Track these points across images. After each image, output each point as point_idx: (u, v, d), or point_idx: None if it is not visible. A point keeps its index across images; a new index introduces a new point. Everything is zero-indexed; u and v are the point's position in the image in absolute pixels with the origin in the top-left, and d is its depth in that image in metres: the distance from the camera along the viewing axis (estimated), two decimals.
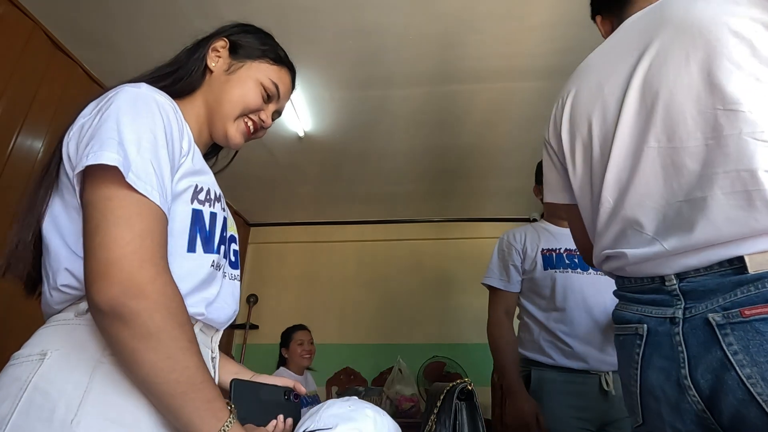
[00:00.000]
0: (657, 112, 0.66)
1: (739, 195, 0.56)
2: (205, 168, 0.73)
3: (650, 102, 0.67)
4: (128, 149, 0.55)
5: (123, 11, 1.82)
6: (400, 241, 3.95)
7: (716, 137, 0.59)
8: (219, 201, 0.73)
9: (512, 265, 1.62)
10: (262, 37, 0.84)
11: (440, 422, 0.89)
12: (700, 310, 0.59)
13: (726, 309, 0.56)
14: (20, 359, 0.55)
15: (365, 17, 1.87)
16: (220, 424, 0.54)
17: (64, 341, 0.55)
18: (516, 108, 2.45)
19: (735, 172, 0.57)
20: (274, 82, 0.82)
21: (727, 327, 0.55)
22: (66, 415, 0.49)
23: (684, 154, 0.63)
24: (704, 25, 0.62)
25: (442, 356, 3.29)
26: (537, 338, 1.50)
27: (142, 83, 0.66)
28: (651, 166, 0.67)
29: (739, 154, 0.57)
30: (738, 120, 0.57)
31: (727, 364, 0.55)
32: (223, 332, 0.74)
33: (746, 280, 0.55)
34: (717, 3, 0.63)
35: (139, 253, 0.51)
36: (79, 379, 0.52)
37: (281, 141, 2.77)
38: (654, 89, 0.67)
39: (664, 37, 0.67)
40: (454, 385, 0.92)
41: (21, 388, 0.51)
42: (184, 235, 0.64)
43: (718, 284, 0.58)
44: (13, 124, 1.72)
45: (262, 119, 0.83)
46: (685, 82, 0.63)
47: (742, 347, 0.54)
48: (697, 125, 0.61)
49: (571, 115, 0.85)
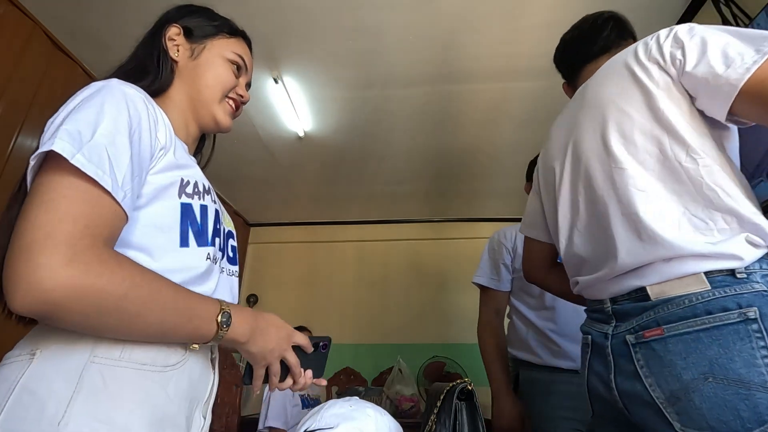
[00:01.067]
0: (581, 171, 0.84)
1: (632, 232, 0.72)
2: (190, 162, 0.72)
3: (577, 164, 0.86)
4: (82, 135, 0.52)
5: (123, 11, 1.82)
6: (399, 241, 3.95)
7: (613, 188, 0.77)
8: (208, 193, 0.71)
9: (502, 264, 1.60)
10: (209, 13, 0.83)
11: (440, 422, 0.90)
12: (621, 330, 0.74)
13: (636, 331, 0.71)
14: (11, 359, 0.54)
15: (365, 17, 1.87)
16: (217, 308, 0.59)
17: (53, 340, 0.54)
18: (515, 108, 2.45)
19: (627, 215, 0.73)
20: (238, 53, 0.81)
21: (637, 346, 0.71)
22: (55, 416, 0.48)
23: (599, 202, 0.79)
24: (601, 104, 0.82)
25: (442, 356, 3.29)
26: (526, 337, 1.49)
27: (113, 78, 0.64)
28: (583, 213, 0.85)
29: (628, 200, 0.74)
30: (624, 175, 0.75)
31: (638, 374, 0.70)
32: None
33: (648, 306, 0.70)
34: (611, 84, 0.81)
35: (53, 236, 0.47)
36: (68, 379, 0.51)
37: (281, 141, 2.77)
38: (577, 155, 0.86)
39: (582, 113, 0.87)
40: (454, 385, 0.92)
41: (9, 388, 0.50)
42: (175, 230, 0.62)
43: (632, 308, 0.73)
44: (13, 124, 1.72)
45: (240, 94, 0.82)
46: (593, 147, 0.82)
47: (645, 362, 0.69)
48: (603, 180, 0.79)
49: (542, 171, 1.04)
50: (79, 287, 0.47)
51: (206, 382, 0.67)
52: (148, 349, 0.57)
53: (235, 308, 0.62)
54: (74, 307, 0.47)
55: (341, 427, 0.75)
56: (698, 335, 0.64)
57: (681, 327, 0.65)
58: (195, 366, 0.64)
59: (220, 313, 0.59)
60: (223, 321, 0.59)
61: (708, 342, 0.63)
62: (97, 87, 0.61)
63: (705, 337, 0.63)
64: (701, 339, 0.63)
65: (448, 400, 0.91)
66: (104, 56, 2.01)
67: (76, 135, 0.52)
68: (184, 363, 0.61)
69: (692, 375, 0.63)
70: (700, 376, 0.62)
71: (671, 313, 0.67)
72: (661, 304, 0.68)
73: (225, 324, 0.59)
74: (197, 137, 0.82)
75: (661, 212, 0.70)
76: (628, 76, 0.78)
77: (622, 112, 0.77)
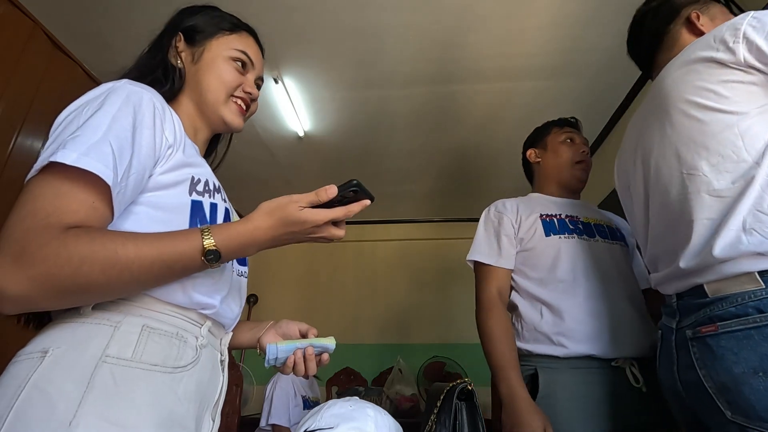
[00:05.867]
0: (651, 175, 0.88)
1: (701, 237, 0.75)
2: (200, 160, 0.73)
3: (647, 166, 0.90)
4: (71, 134, 0.54)
5: (123, 11, 1.82)
6: (399, 241, 3.95)
7: (684, 193, 0.79)
8: (219, 192, 0.72)
9: (505, 235, 1.31)
10: (209, 12, 0.81)
11: (440, 422, 0.89)
12: (683, 324, 0.79)
13: (694, 326, 0.76)
14: (22, 357, 0.54)
15: (365, 17, 1.87)
16: (199, 236, 0.56)
17: (66, 339, 0.54)
18: (516, 108, 2.45)
19: (698, 221, 0.76)
20: (240, 50, 0.79)
21: (694, 340, 0.75)
22: (65, 416, 0.48)
23: (670, 206, 0.82)
24: (668, 101, 0.83)
25: (442, 356, 3.29)
26: (539, 324, 1.18)
27: (124, 79, 0.65)
28: (656, 216, 0.88)
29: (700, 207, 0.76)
30: (695, 180, 0.77)
31: (693, 366, 0.75)
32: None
33: (705, 303, 0.74)
34: (676, 75, 0.82)
35: (7, 237, 0.49)
36: (79, 379, 0.51)
37: (281, 141, 2.77)
38: (646, 156, 0.90)
39: (649, 111, 0.90)
40: (454, 385, 0.92)
41: (19, 386, 0.50)
42: (185, 227, 0.63)
43: (693, 305, 0.77)
44: (13, 124, 1.72)
45: (248, 92, 0.80)
46: (665, 153, 0.84)
47: (700, 355, 0.74)
48: (672, 184, 0.82)
49: (618, 172, 1.08)
50: (30, 279, 0.48)
51: (215, 384, 0.67)
52: (160, 349, 0.58)
53: (223, 233, 0.58)
54: (38, 296, 0.49)
55: (341, 427, 0.75)
56: (749, 333, 0.67)
57: (734, 325, 0.69)
58: (204, 368, 0.64)
59: (203, 251, 0.56)
60: (210, 258, 0.56)
61: (759, 339, 0.66)
62: (103, 89, 0.62)
63: (756, 334, 0.67)
64: (752, 336, 0.67)
65: (448, 400, 0.91)
66: (104, 56, 2.01)
67: (70, 141, 0.53)
68: (194, 365, 0.61)
69: (742, 369, 0.67)
70: (750, 371, 0.66)
71: (725, 310, 0.70)
72: (717, 302, 0.72)
73: (213, 260, 0.57)
74: (207, 140, 0.82)
75: (729, 213, 0.71)
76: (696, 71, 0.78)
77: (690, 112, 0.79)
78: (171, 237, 0.56)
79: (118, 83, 0.63)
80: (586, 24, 1.86)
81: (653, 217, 0.88)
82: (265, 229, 0.60)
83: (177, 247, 0.55)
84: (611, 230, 1.36)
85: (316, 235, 0.63)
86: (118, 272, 0.51)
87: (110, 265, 0.50)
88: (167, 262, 0.54)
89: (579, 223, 1.31)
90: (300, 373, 0.78)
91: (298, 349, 0.77)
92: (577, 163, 1.42)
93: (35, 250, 0.48)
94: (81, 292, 0.51)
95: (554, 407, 1.08)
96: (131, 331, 0.56)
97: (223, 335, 0.72)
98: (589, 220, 1.35)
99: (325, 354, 0.80)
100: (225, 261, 0.59)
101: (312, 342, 0.78)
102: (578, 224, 1.31)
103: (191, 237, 0.56)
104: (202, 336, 0.64)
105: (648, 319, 1.22)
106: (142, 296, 0.59)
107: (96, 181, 0.52)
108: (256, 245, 0.61)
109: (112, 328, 0.55)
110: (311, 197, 0.61)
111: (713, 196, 0.74)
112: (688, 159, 0.78)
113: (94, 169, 0.52)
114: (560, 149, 1.44)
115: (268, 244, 0.62)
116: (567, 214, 1.33)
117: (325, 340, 0.79)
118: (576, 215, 1.35)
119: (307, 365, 0.78)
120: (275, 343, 0.76)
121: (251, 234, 0.60)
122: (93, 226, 0.53)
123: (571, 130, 1.48)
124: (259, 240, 0.60)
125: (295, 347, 0.77)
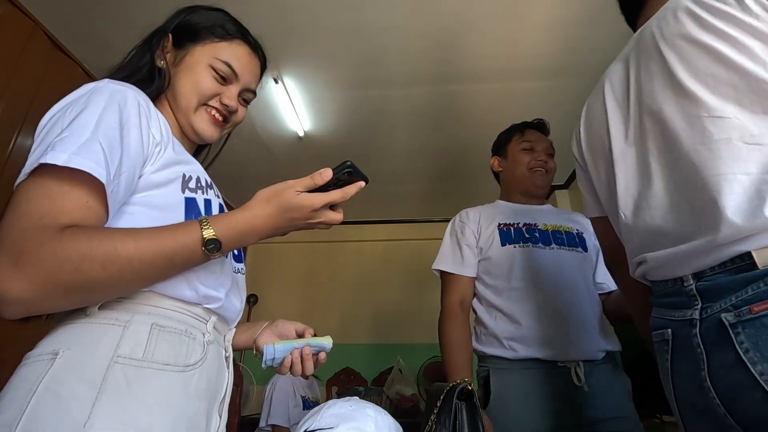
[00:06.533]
0: (651, 124, 0.69)
1: (741, 195, 0.57)
2: (189, 158, 0.72)
3: (644, 116, 0.71)
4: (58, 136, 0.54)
5: (123, 11, 1.83)
6: (399, 241, 3.95)
7: (706, 143, 0.62)
8: (211, 188, 0.71)
9: (466, 245, 1.38)
10: (205, 15, 0.78)
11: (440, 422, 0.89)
12: (715, 310, 0.59)
13: (737, 307, 0.56)
14: (32, 359, 0.53)
15: (365, 17, 1.87)
16: (198, 227, 0.56)
17: (75, 340, 0.53)
18: (516, 108, 2.45)
19: (732, 175, 0.59)
20: (224, 60, 0.74)
21: (739, 326, 0.55)
22: (79, 418, 0.48)
23: (683, 162, 0.65)
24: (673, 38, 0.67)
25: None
26: (494, 329, 1.26)
27: (105, 78, 0.65)
28: (658, 178, 0.69)
29: (732, 159, 0.59)
30: (725, 126, 0.60)
31: (741, 363, 0.54)
32: None
33: (756, 277, 0.55)
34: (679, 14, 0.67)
35: (4, 239, 0.48)
36: (91, 380, 0.50)
37: (281, 141, 2.77)
38: (645, 104, 0.71)
39: (643, 56, 0.73)
40: (454, 385, 0.92)
41: (31, 390, 0.49)
42: None
43: (730, 282, 0.58)
44: (13, 124, 1.72)
45: (225, 104, 0.76)
46: (668, 94, 0.67)
47: (752, 344, 0.53)
48: (686, 133, 0.64)
49: (587, 134, 0.89)
50: (31, 280, 0.47)
51: (222, 381, 0.67)
52: (170, 348, 0.57)
53: (222, 222, 0.58)
54: (40, 297, 0.48)
55: (341, 427, 0.75)
56: None
57: None
58: (212, 364, 0.64)
59: (203, 241, 0.55)
60: (210, 248, 0.56)
61: None
62: (85, 90, 0.61)
63: None
64: None
65: (448, 400, 0.91)
66: (104, 56, 2.00)
67: (57, 143, 0.53)
68: (203, 362, 0.61)
69: None
70: None
71: None
72: None
73: (214, 250, 0.56)
74: (194, 144, 0.81)
75: None
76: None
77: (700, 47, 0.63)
78: (170, 230, 0.55)
79: (101, 83, 0.62)
80: (587, 24, 1.86)
81: (656, 182, 0.70)
82: (264, 216, 0.60)
83: (177, 239, 0.54)
84: (569, 236, 1.37)
85: (314, 220, 0.63)
86: (119, 268, 0.50)
87: (111, 261, 0.50)
88: (168, 254, 0.54)
89: (536, 231, 1.36)
90: (297, 373, 0.77)
91: (295, 348, 0.76)
92: (534, 169, 1.42)
93: (33, 250, 0.47)
94: (83, 291, 0.51)
95: (507, 408, 1.17)
96: (141, 330, 0.56)
97: (226, 331, 0.72)
98: (547, 228, 1.37)
99: (322, 353, 0.79)
100: (226, 251, 0.58)
101: (309, 341, 0.77)
102: (535, 232, 1.36)
103: (190, 228, 0.56)
104: (209, 332, 0.64)
105: (603, 322, 1.26)
106: (148, 293, 0.59)
107: (89, 180, 0.52)
108: (255, 233, 0.60)
109: (122, 327, 0.55)
110: (306, 181, 0.61)
111: (750, 143, 0.58)
112: (710, 101, 0.62)
113: (87, 167, 0.51)
114: (519, 158, 1.46)
115: (268, 232, 0.61)
116: (525, 223, 1.38)
117: (322, 339, 0.78)
118: (534, 223, 1.38)
119: (305, 365, 0.77)
120: (272, 344, 0.76)
121: (250, 222, 0.59)
122: (89, 225, 0.52)
123: (532, 138, 1.47)
124: (258, 228, 0.60)
125: (292, 347, 0.76)
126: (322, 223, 0.64)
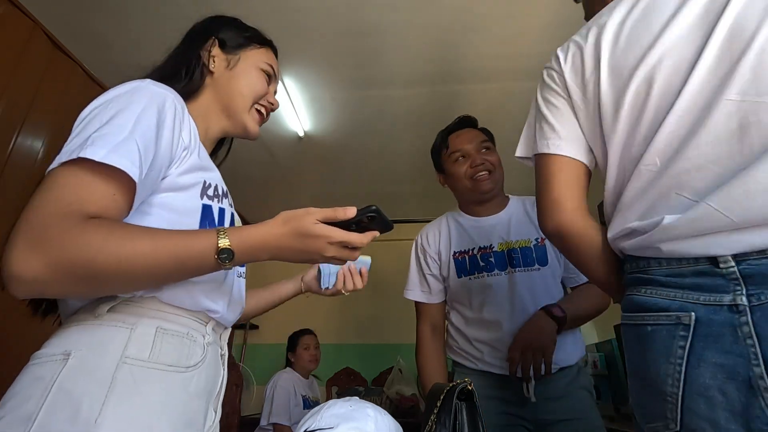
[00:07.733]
0: (747, 59, 0.54)
1: None
2: (212, 165, 0.75)
3: (739, 47, 0.55)
4: (96, 130, 0.55)
5: (123, 11, 1.82)
6: (399, 241, 3.94)
7: None
8: (226, 197, 0.75)
9: (430, 275, 1.43)
10: (240, 25, 0.87)
11: (440, 422, 0.89)
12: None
13: None
14: (43, 359, 0.55)
15: (365, 17, 1.87)
16: (215, 235, 0.57)
17: (85, 342, 0.56)
18: (516, 108, 2.45)
19: None
20: (269, 63, 0.85)
21: None
22: (90, 414, 0.50)
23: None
24: None
25: None
26: (460, 346, 1.35)
27: (148, 79, 0.67)
28: (725, 123, 0.54)
29: None
30: None
31: None
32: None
33: None
34: None
35: (28, 221, 0.50)
36: (102, 379, 0.53)
37: (281, 141, 2.77)
38: (746, 32, 0.55)
39: None
40: (454, 385, 0.92)
41: (46, 388, 0.51)
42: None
43: None
44: (13, 124, 1.72)
45: (270, 102, 0.87)
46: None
47: None
48: None
49: (615, 64, 0.70)
50: (46, 264, 0.48)
51: (218, 377, 0.70)
52: (173, 349, 0.60)
53: (237, 234, 0.58)
54: (51, 282, 0.49)
55: (341, 427, 0.75)
56: None
57: None
58: (210, 364, 0.66)
59: (217, 250, 0.56)
60: (223, 257, 0.56)
61: None
62: (127, 88, 0.63)
63: None
64: None
65: (448, 400, 0.91)
66: (105, 56, 2.01)
67: (96, 138, 0.54)
68: (203, 362, 0.64)
69: None
70: None
71: None
72: None
73: (226, 260, 0.57)
74: (215, 140, 0.85)
75: None
76: None
77: None
78: (187, 234, 0.57)
79: (143, 83, 0.65)
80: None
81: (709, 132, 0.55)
82: (278, 235, 0.60)
83: (193, 244, 0.56)
84: (526, 253, 1.32)
85: (328, 254, 0.63)
86: (132, 264, 0.52)
87: (126, 256, 0.51)
88: (181, 257, 0.55)
89: (491, 256, 1.34)
90: (350, 287, 0.98)
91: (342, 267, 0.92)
92: (475, 177, 1.38)
93: (54, 236, 0.49)
94: (95, 282, 0.52)
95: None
96: (147, 333, 0.58)
97: (222, 331, 0.74)
98: (503, 247, 1.34)
99: (363, 268, 0.98)
100: (237, 263, 0.59)
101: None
102: (490, 257, 1.34)
103: (207, 236, 0.57)
104: (208, 334, 0.67)
105: (563, 336, 1.22)
106: (153, 300, 0.61)
107: (122, 177, 0.54)
108: (267, 250, 0.61)
109: (129, 330, 0.58)
110: (328, 213, 0.61)
111: None
112: None
113: (123, 166, 0.53)
114: (455, 171, 1.42)
115: (281, 253, 0.61)
116: (480, 247, 1.37)
117: (362, 257, 0.89)
118: (490, 245, 1.35)
119: (354, 279, 0.99)
120: (327, 264, 0.87)
121: (263, 238, 0.60)
122: (112, 218, 0.54)
123: (459, 144, 1.43)
124: (270, 245, 0.60)
125: (339, 267, 0.91)
126: (335, 258, 0.64)
